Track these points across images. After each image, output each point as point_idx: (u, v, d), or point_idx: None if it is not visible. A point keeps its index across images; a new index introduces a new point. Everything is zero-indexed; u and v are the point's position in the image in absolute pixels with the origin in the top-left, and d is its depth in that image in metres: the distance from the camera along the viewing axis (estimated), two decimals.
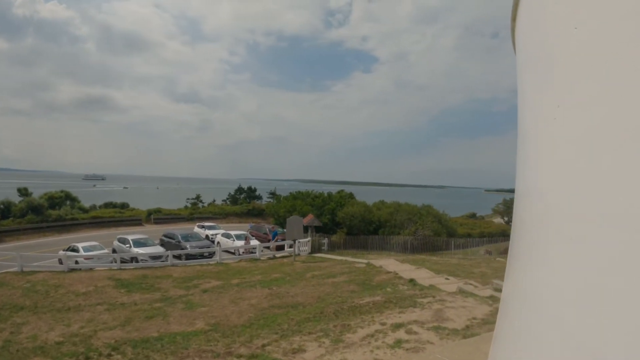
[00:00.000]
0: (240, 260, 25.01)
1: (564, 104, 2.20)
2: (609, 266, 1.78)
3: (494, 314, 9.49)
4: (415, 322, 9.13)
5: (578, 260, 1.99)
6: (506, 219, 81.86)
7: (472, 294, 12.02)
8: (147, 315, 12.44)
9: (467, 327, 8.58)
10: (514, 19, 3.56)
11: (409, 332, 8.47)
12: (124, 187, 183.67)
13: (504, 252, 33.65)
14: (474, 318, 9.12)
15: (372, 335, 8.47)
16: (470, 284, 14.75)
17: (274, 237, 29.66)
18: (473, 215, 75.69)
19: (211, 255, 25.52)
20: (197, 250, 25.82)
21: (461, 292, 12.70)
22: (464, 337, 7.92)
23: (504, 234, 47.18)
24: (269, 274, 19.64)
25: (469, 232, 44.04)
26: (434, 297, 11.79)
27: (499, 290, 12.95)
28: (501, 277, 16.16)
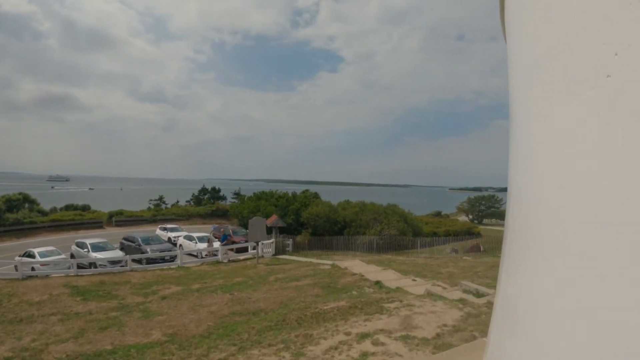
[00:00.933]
0: (202, 264, 24.38)
1: (560, 98, 2.08)
2: (612, 272, 1.68)
3: (465, 319, 8.98)
4: (382, 331, 8.47)
5: (578, 265, 1.87)
6: (471, 216, 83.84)
7: (440, 297, 11.48)
8: (102, 326, 11.92)
9: (438, 335, 7.97)
10: (502, 6, 3.30)
11: (375, 342, 7.79)
12: (90, 189, 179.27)
13: (470, 250, 33.85)
14: (445, 325, 8.52)
15: (336, 348, 7.76)
16: (439, 286, 14.28)
17: (223, 240, 28.27)
18: (438, 214, 76.68)
19: (173, 259, 24.66)
20: (158, 254, 24.98)
21: (429, 295, 12.17)
22: (435, 347, 7.30)
23: (469, 232, 47.86)
24: (231, 278, 19.00)
25: (435, 231, 44.32)
26: (401, 301, 11.18)
27: (468, 292, 12.51)
28: (469, 278, 15.79)
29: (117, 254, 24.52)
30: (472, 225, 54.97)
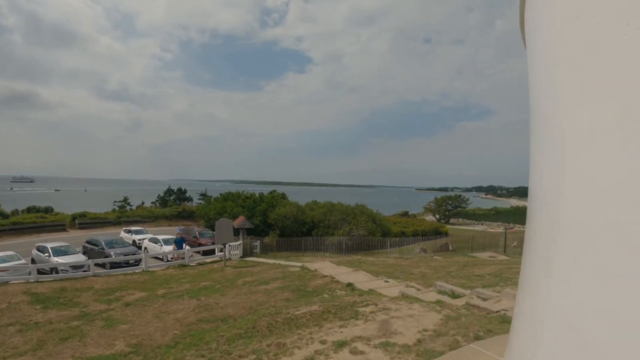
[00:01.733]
0: (168, 267, 23.45)
1: (584, 98, 2.09)
2: None
3: (445, 323, 8.60)
4: (360, 338, 7.98)
5: (605, 271, 1.87)
6: (437, 216, 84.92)
7: (416, 299, 11.11)
8: (63, 337, 11.17)
9: (419, 341, 7.54)
10: (522, 11, 3.31)
11: (354, 351, 7.30)
12: (56, 190, 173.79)
13: (439, 249, 33.94)
14: (425, 330, 8.12)
15: (312, 359, 7.25)
16: (412, 287, 13.97)
17: (179, 246, 27.00)
18: (405, 214, 77.34)
19: (137, 262, 23.69)
20: (122, 258, 23.92)
21: (404, 296, 11.80)
22: (418, 354, 6.87)
23: (437, 232, 48.22)
24: (197, 282, 18.34)
25: (403, 231, 44.49)
26: (376, 304, 10.74)
27: (444, 292, 12.21)
28: (443, 278, 15.55)
29: (80, 258, 23.47)
30: (439, 225, 55.48)
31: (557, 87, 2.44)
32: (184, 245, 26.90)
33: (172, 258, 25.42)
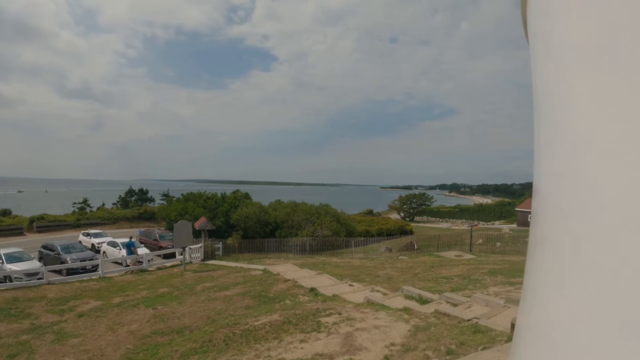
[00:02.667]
0: (126, 273, 22.32)
1: (590, 95, 1.91)
2: None
3: (414, 334, 7.95)
4: (321, 356, 7.25)
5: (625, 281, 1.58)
6: (402, 214, 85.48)
7: (382, 306, 10.48)
8: (10, 353, 10.41)
9: (386, 358, 6.87)
10: (524, 5, 3.14)
11: None
12: (19, 191, 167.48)
13: (404, 248, 33.68)
14: (392, 344, 7.44)
15: None
16: (378, 291, 13.38)
17: (129, 251, 25.30)
18: (370, 212, 77.51)
19: (95, 268, 22.39)
20: (79, 264, 22.56)
21: (370, 303, 11.15)
22: None
23: (402, 230, 48.20)
24: (155, 289, 17.47)
25: (368, 229, 44.27)
26: (339, 313, 10.05)
27: (411, 298, 11.66)
28: (410, 282, 15.01)
29: (35, 264, 21.96)
30: (404, 223, 55.52)
31: (567, 88, 2.24)
32: (132, 249, 25.31)
33: (130, 264, 24.20)
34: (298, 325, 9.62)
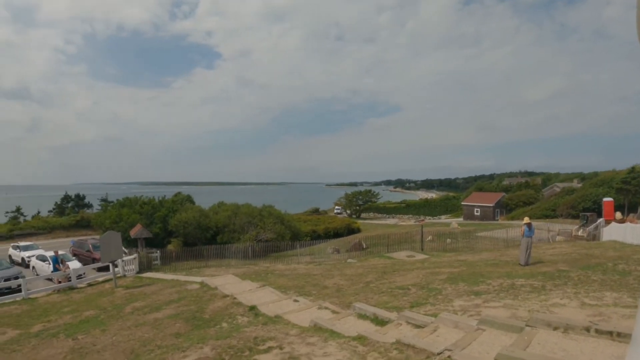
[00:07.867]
0: (52, 292, 19.71)
1: None
2: None
3: None
4: None
5: None
6: (348, 212, 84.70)
7: (332, 333, 8.74)
8: None
9: None
10: None
11: None
12: None
13: (352, 248, 32.40)
14: None
15: None
16: (327, 309, 11.66)
17: (53, 267, 22.58)
18: (316, 211, 76.32)
19: (20, 287, 19.48)
20: (2, 284, 19.81)
21: (317, 328, 9.39)
22: None
23: (350, 229, 47.07)
24: (80, 312, 15.58)
25: (314, 229, 42.98)
26: (281, 347, 8.23)
27: (365, 317, 10.04)
28: (362, 295, 13.38)
29: None
30: (351, 221, 54.48)
31: None
32: (56, 265, 22.35)
33: (58, 281, 21.33)
34: None
